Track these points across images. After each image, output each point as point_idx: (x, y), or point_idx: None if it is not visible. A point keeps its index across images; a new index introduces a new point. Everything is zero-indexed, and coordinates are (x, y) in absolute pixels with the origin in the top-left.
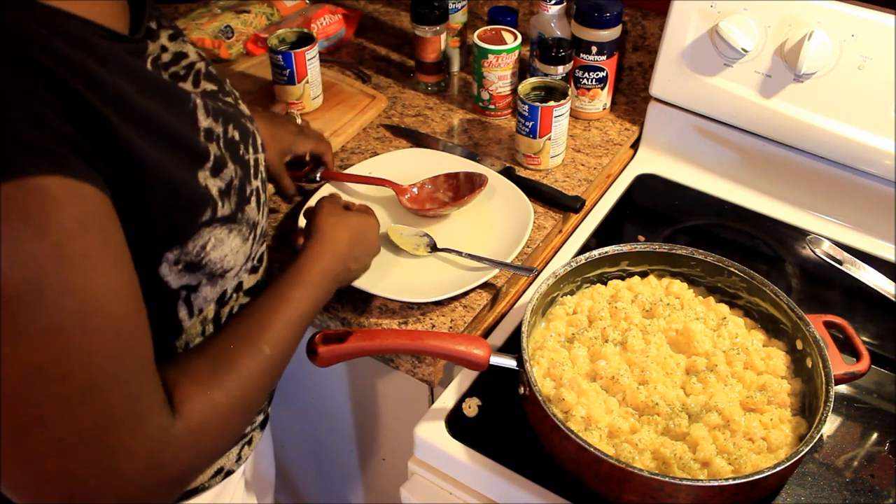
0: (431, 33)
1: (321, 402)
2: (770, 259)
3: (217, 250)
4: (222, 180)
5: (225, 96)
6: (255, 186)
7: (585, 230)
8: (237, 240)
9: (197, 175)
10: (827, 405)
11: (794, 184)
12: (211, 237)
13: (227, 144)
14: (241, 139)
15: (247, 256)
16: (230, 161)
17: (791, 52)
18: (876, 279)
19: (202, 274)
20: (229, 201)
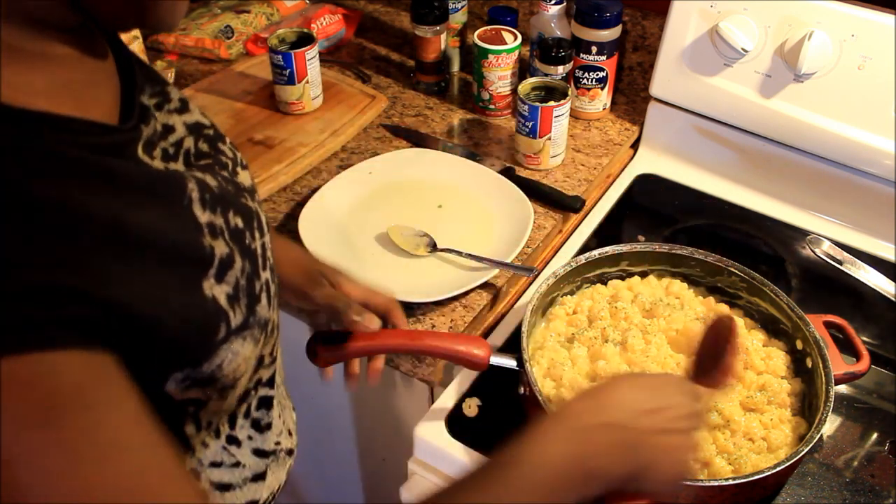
0: (431, 33)
1: (321, 402)
2: (770, 259)
3: (232, 364)
4: (228, 284)
5: (221, 169)
6: (265, 280)
7: (585, 230)
8: (249, 346)
9: (202, 287)
10: (827, 405)
11: (794, 184)
12: (228, 353)
13: (232, 235)
14: (246, 225)
15: (258, 359)
16: (237, 255)
17: (791, 52)
18: (876, 279)
19: (212, 389)
20: (239, 307)
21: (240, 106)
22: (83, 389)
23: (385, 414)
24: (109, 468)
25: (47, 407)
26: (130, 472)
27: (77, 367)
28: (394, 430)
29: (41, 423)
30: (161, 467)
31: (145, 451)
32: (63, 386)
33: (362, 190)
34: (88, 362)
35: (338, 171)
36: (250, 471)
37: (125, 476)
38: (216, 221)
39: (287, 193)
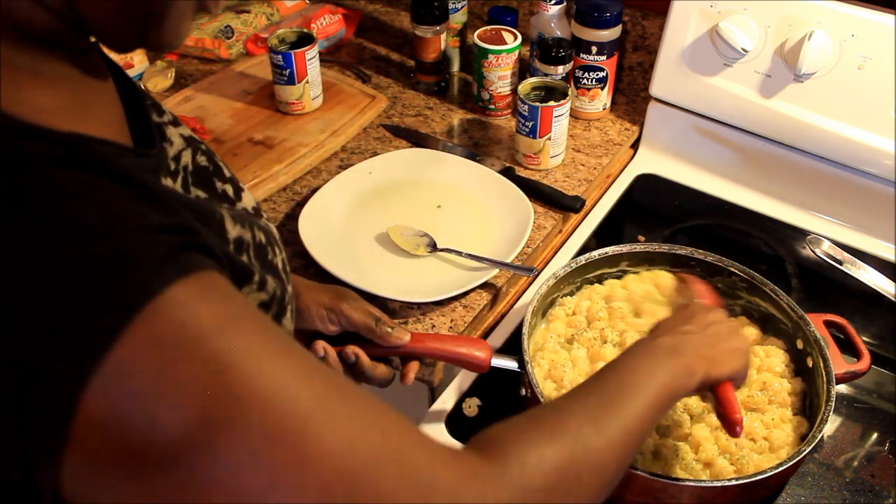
0: (431, 33)
1: None
2: (770, 259)
3: None
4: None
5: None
6: (289, 294)
7: (585, 230)
8: None
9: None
10: (828, 404)
11: (794, 184)
12: None
13: (257, 252)
14: (267, 240)
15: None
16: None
17: (791, 52)
18: (876, 279)
19: None
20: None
21: (240, 106)
22: (240, 300)
23: None
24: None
25: (226, 316)
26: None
27: (225, 283)
28: None
29: (233, 328)
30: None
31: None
32: (227, 296)
33: (362, 190)
34: (218, 277)
35: (338, 171)
36: None
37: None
38: (244, 236)
39: (287, 193)
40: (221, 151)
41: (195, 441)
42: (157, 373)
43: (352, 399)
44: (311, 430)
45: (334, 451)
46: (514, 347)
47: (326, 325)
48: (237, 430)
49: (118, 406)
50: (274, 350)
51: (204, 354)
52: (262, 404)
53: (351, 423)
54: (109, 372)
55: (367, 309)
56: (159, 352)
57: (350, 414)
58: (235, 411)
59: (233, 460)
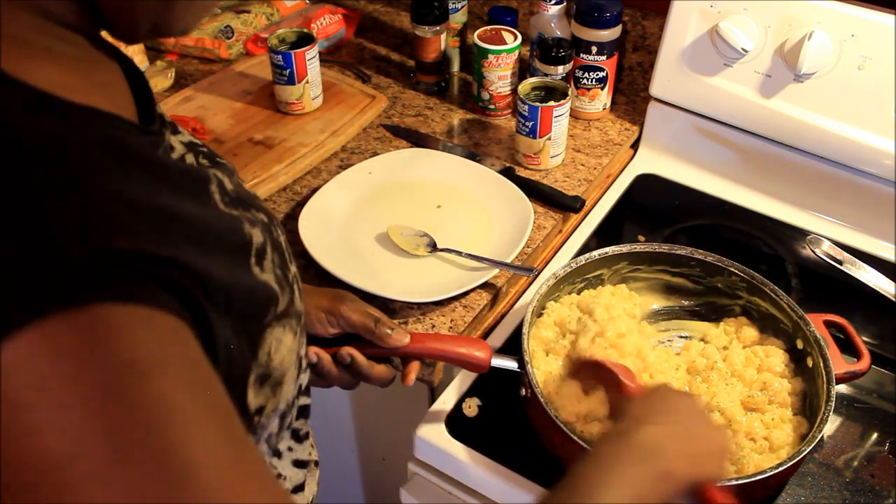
0: (431, 33)
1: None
2: (770, 259)
3: (278, 353)
4: (269, 271)
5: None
6: (294, 272)
7: (585, 230)
8: (289, 336)
9: (252, 270)
10: (828, 404)
11: (794, 184)
12: (272, 339)
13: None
14: (269, 220)
15: (297, 354)
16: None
17: (791, 52)
18: (876, 279)
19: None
20: (284, 293)
21: (240, 106)
22: (161, 349)
23: (385, 414)
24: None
25: (157, 360)
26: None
27: (155, 325)
28: (394, 431)
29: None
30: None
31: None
32: (173, 342)
33: (362, 190)
34: (168, 323)
35: (338, 171)
36: (291, 483)
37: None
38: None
39: (287, 193)
40: (221, 151)
41: (50, 473)
42: (48, 377)
43: (268, 491)
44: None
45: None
46: (514, 347)
47: (326, 329)
48: (111, 480)
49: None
50: (196, 414)
51: (107, 383)
52: (157, 459)
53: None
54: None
55: (367, 310)
56: (59, 357)
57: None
58: (119, 457)
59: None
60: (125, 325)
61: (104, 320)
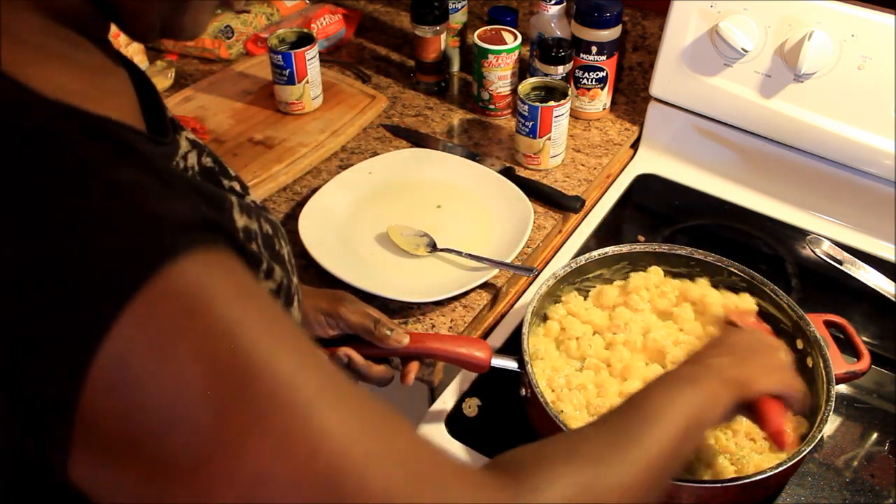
0: (431, 33)
1: None
2: (770, 259)
3: None
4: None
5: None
6: (295, 285)
7: (585, 230)
8: None
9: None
10: (828, 404)
11: (794, 184)
12: None
13: (265, 241)
14: (274, 232)
15: None
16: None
17: (791, 52)
18: (876, 279)
19: None
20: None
21: (240, 106)
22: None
23: None
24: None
25: (240, 293)
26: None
27: (241, 266)
28: None
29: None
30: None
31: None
32: (242, 276)
33: (362, 190)
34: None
35: (338, 171)
36: None
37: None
38: (251, 227)
39: (287, 193)
40: (221, 151)
41: (198, 405)
42: (165, 331)
43: (362, 400)
44: (314, 417)
45: (337, 445)
46: (514, 347)
47: (326, 330)
48: (239, 407)
49: (125, 366)
50: (283, 335)
51: (213, 320)
52: (268, 383)
53: (361, 420)
54: (121, 332)
55: (366, 311)
56: (169, 310)
57: (359, 411)
58: (239, 387)
59: (229, 439)
60: (213, 268)
61: (196, 267)
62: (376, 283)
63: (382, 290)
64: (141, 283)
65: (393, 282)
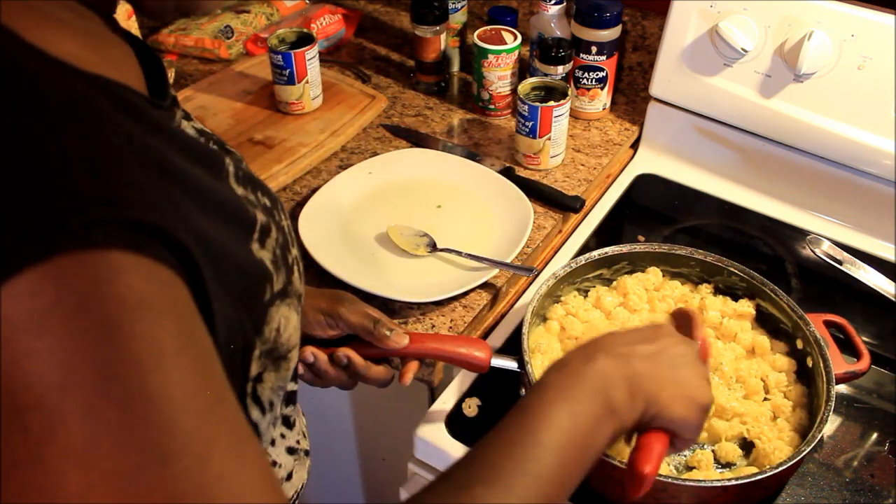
0: (431, 33)
1: (321, 402)
2: (770, 259)
3: (287, 330)
4: (269, 250)
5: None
6: (295, 255)
7: (585, 230)
8: (294, 315)
9: (251, 247)
10: (828, 404)
11: (794, 184)
12: (280, 317)
13: (264, 211)
14: (273, 205)
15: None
16: (273, 226)
17: (791, 52)
18: (876, 279)
19: (269, 359)
20: (279, 273)
21: (240, 106)
22: (153, 296)
23: (385, 414)
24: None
25: (151, 305)
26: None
27: (153, 274)
28: (394, 431)
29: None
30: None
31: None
32: (167, 293)
33: (362, 190)
34: (167, 275)
35: (338, 171)
36: (284, 470)
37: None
38: (249, 197)
39: (287, 193)
40: None
41: (46, 399)
42: (52, 311)
43: (242, 444)
44: (177, 455)
45: (196, 484)
46: (514, 347)
47: (325, 331)
48: (90, 415)
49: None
50: (181, 360)
51: (105, 320)
52: (138, 397)
53: (227, 464)
54: (11, 290)
55: (366, 311)
56: (64, 292)
57: (235, 456)
58: (97, 391)
59: (75, 439)
60: (127, 270)
61: (109, 263)
62: (376, 283)
63: (382, 290)
64: (53, 252)
65: (393, 282)
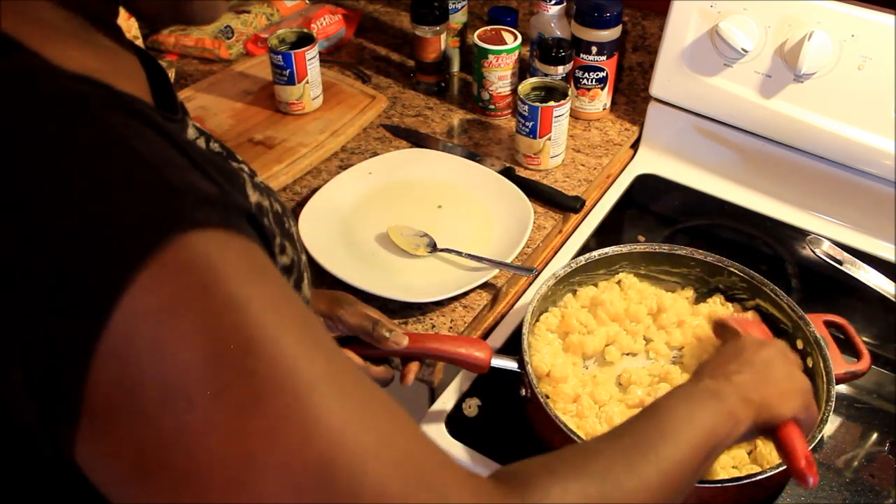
0: (431, 33)
1: None
2: (770, 259)
3: None
4: (288, 256)
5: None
6: (304, 262)
7: (585, 230)
8: None
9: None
10: (828, 405)
11: (794, 184)
12: None
13: (276, 219)
14: (283, 211)
15: None
16: (280, 237)
17: (791, 52)
18: (876, 279)
19: None
20: (290, 279)
21: (240, 106)
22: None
23: None
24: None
25: (253, 270)
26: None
27: (256, 246)
28: None
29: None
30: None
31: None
32: (255, 255)
33: (362, 190)
34: (259, 251)
35: (338, 172)
36: None
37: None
38: (263, 203)
39: (287, 193)
40: None
41: (197, 379)
42: (172, 301)
43: (367, 392)
44: (313, 403)
45: (334, 435)
46: (514, 347)
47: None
48: (235, 385)
49: (131, 334)
50: (292, 318)
51: (221, 296)
52: (268, 363)
53: (362, 412)
54: (130, 299)
55: (365, 312)
56: (178, 280)
57: (362, 403)
58: (238, 365)
59: (222, 418)
60: (230, 246)
61: (213, 242)
62: (376, 283)
63: (382, 290)
64: (152, 250)
65: (393, 282)
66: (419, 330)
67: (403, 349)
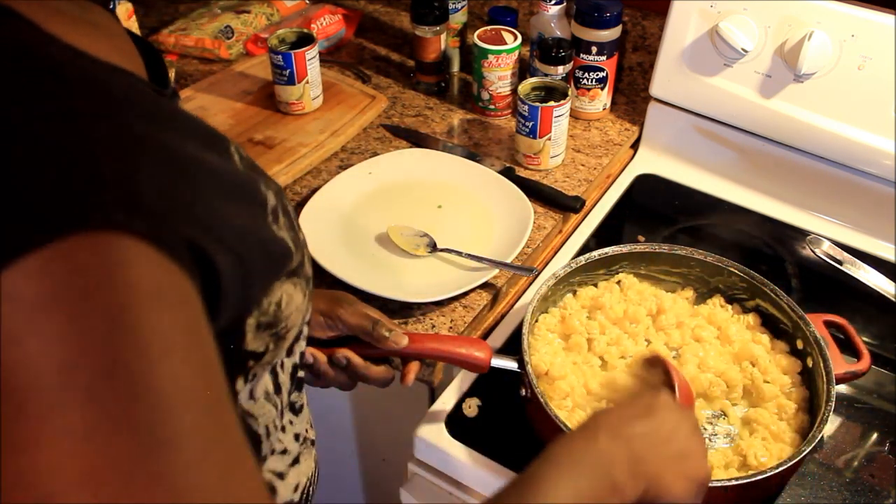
0: (431, 33)
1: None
2: (770, 259)
3: (289, 307)
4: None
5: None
6: (303, 238)
7: (585, 230)
8: (300, 295)
9: (269, 225)
10: (828, 405)
11: (794, 184)
12: (282, 292)
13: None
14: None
15: (304, 317)
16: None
17: (791, 52)
18: (876, 279)
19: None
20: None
21: (240, 106)
22: (163, 289)
23: (385, 414)
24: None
25: (159, 295)
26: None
27: (181, 282)
28: (394, 431)
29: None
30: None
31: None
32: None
33: (362, 190)
34: (178, 272)
35: (338, 172)
36: (290, 456)
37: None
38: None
39: (287, 194)
40: None
41: (36, 387)
42: (55, 293)
43: (240, 448)
44: (166, 456)
45: (195, 478)
46: (514, 347)
47: (325, 332)
48: (86, 404)
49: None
50: (188, 361)
51: (111, 307)
52: (133, 393)
53: (226, 464)
54: (13, 274)
55: (365, 312)
56: (69, 277)
57: (234, 458)
58: (100, 382)
59: (57, 434)
60: (143, 259)
61: (124, 249)
62: (376, 283)
63: (382, 290)
64: (54, 237)
65: (393, 282)
66: (419, 330)
67: (403, 349)
